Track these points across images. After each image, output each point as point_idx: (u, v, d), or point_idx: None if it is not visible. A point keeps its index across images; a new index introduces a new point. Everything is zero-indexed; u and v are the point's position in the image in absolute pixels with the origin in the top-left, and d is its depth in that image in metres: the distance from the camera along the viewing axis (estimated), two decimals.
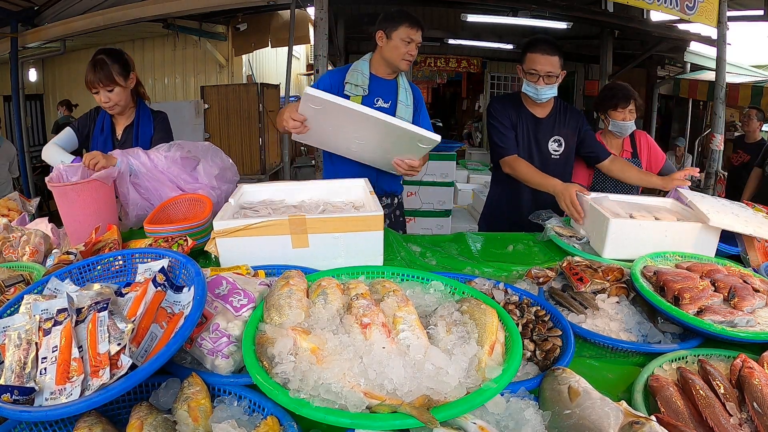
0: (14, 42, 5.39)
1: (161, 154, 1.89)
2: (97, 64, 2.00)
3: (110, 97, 2.04)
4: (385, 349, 0.86)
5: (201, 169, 1.94)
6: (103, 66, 1.99)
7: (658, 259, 1.49)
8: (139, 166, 1.86)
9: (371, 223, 1.40)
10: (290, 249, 1.40)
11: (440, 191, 4.19)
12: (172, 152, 1.91)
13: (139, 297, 0.97)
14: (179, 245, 1.47)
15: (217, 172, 1.97)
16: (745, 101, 5.65)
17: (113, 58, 2.03)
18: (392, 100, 2.19)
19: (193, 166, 1.94)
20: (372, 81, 2.18)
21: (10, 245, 1.58)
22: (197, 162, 1.95)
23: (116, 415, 0.89)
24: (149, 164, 1.87)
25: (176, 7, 5.11)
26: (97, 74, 1.99)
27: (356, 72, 2.16)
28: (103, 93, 2.02)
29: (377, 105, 2.14)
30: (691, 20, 4.60)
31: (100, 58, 2.01)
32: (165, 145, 1.95)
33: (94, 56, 2.03)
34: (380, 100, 2.16)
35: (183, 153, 1.92)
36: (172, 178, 1.89)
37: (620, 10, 6.46)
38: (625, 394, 0.99)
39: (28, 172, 5.73)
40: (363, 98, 2.15)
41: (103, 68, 1.99)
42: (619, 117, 2.37)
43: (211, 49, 7.27)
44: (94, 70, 1.99)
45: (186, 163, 1.92)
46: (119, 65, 2.04)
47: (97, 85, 2.00)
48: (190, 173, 1.92)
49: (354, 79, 2.14)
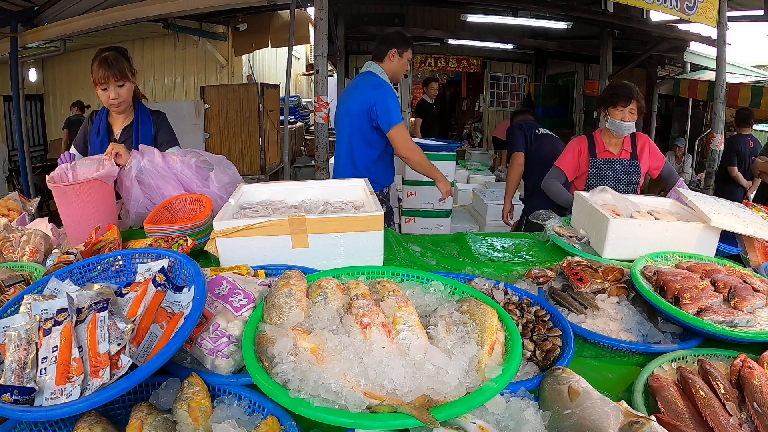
0: (14, 42, 5.38)
1: (177, 158, 1.91)
2: (108, 60, 1.98)
3: (120, 93, 2.03)
4: (385, 349, 0.86)
5: (213, 177, 1.95)
6: (116, 61, 1.99)
7: (658, 259, 1.49)
8: (147, 164, 1.86)
9: (371, 223, 1.40)
10: (290, 249, 1.40)
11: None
12: (188, 158, 1.93)
13: (139, 297, 0.97)
14: (179, 245, 1.47)
15: (227, 181, 1.99)
16: (745, 101, 5.64)
17: (123, 55, 2.04)
18: None
19: (206, 176, 1.96)
20: None
21: (10, 245, 1.58)
22: (210, 170, 1.97)
23: (116, 415, 0.89)
24: (161, 163, 1.88)
25: (176, 7, 5.11)
26: (111, 69, 1.98)
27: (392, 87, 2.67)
28: (112, 89, 2.01)
29: None
30: (691, 20, 4.60)
31: (111, 54, 2.00)
32: (181, 151, 1.97)
33: (100, 53, 2.02)
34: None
35: (198, 161, 1.94)
36: (186, 181, 1.90)
37: (620, 10, 6.46)
38: (625, 394, 0.99)
39: (28, 172, 5.73)
40: None
41: (115, 63, 1.99)
42: (617, 116, 2.37)
43: (211, 49, 7.27)
44: (107, 65, 1.98)
45: (200, 172, 1.94)
46: (128, 62, 2.05)
47: (109, 80, 1.99)
48: (203, 181, 1.94)
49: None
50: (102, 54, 2.01)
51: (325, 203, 1.69)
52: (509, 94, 11.09)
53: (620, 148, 2.49)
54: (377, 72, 2.62)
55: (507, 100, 11.10)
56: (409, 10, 9.04)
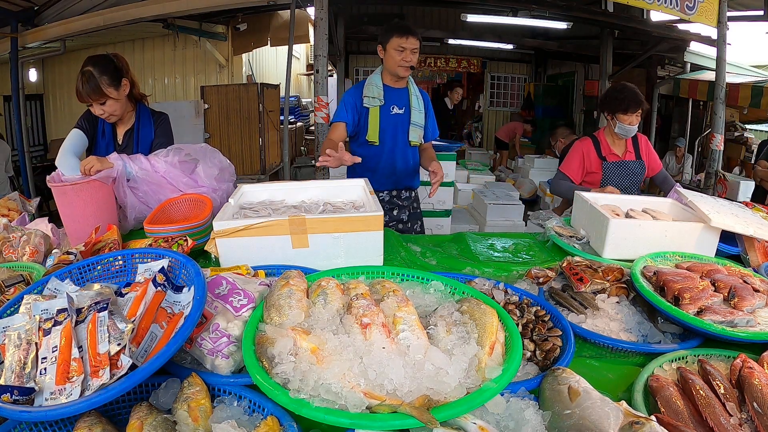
0: (14, 42, 5.38)
1: (161, 159, 1.89)
2: (84, 77, 1.90)
3: (104, 109, 1.97)
4: (385, 350, 0.86)
5: (200, 171, 1.93)
6: (90, 79, 1.90)
7: (658, 259, 1.49)
8: (138, 171, 1.85)
9: (371, 223, 1.40)
10: (290, 249, 1.40)
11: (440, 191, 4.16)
12: (171, 156, 1.90)
13: (139, 297, 0.97)
14: (179, 245, 1.47)
15: (217, 172, 1.97)
16: (745, 101, 5.65)
17: (101, 69, 1.92)
18: (405, 107, 2.43)
19: (191, 169, 1.93)
20: (385, 91, 2.40)
21: (10, 245, 1.58)
22: (195, 164, 1.95)
23: (116, 415, 0.89)
24: (149, 168, 1.87)
25: (176, 7, 5.11)
26: (85, 88, 1.90)
27: (371, 85, 2.38)
28: (96, 106, 1.96)
29: (393, 112, 2.40)
30: (691, 20, 4.60)
31: (87, 71, 1.90)
32: (164, 150, 1.93)
33: (82, 67, 1.93)
34: (395, 107, 2.41)
35: (181, 157, 1.92)
36: (172, 182, 1.88)
37: (620, 10, 6.46)
38: (625, 394, 0.99)
39: (28, 172, 5.73)
40: (381, 108, 2.39)
41: (89, 81, 1.90)
42: (626, 121, 2.40)
43: (211, 49, 7.26)
44: (82, 84, 1.90)
45: (185, 167, 1.92)
46: (108, 76, 1.93)
47: (87, 99, 1.94)
48: (189, 176, 1.92)
49: (370, 92, 2.37)
50: (83, 68, 1.92)
51: (325, 203, 1.69)
52: (509, 94, 11.09)
53: (624, 149, 2.52)
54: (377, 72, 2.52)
55: (507, 100, 11.11)
56: (409, 10, 9.05)
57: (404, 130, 2.44)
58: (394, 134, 2.44)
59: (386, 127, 2.42)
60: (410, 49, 2.30)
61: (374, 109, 2.38)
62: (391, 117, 2.42)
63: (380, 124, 2.40)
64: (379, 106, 2.38)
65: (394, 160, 2.47)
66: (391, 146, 2.45)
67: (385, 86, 2.40)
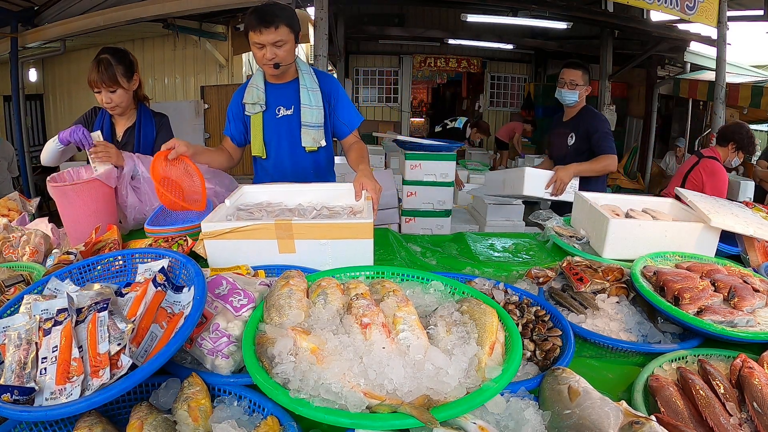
0: (14, 42, 5.39)
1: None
2: (101, 64, 1.96)
3: (112, 98, 2.01)
4: (385, 349, 0.86)
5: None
6: (108, 66, 1.96)
7: (658, 259, 1.49)
8: (144, 171, 1.86)
9: (360, 230, 1.35)
10: (277, 254, 1.38)
11: (440, 191, 4.18)
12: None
13: (139, 297, 0.97)
14: (179, 245, 1.48)
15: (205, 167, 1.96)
16: (745, 101, 5.65)
17: (118, 59, 1.99)
18: (295, 105, 2.02)
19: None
20: (269, 91, 2.03)
21: (10, 245, 1.58)
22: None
23: (116, 415, 0.89)
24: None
25: (176, 7, 5.11)
26: (100, 74, 1.95)
27: (252, 88, 2.02)
28: (105, 93, 2.00)
29: (281, 115, 2.03)
30: (691, 20, 4.61)
31: (105, 58, 1.97)
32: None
33: (98, 54, 1.99)
34: (282, 109, 2.03)
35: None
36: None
37: (620, 10, 6.47)
38: (625, 394, 0.99)
39: (28, 172, 5.74)
40: (264, 114, 2.03)
41: (107, 69, 1.96)
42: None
43: (211, 49, 7.27)
44: (98, 69, 1.96)
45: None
46: (123, 66, 2.00)
47: (99, 85, 1.98)
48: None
49: (250, 98, 2.01)
50: (99, 56, 1.99)
51: (322, 207, 1.67)
52: (509, 94, 11.09)
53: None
54: (261, 69, 2.05)
55: (507, 100, 11.11)
56: (409, 10, 9.05)
57: (297, 135, 2.04)
58: (286, 142, 2.06)
59: (272, 136, 2.05)
60: (271, 44, 1.83)
61: (256, 116, 2.02)
62: (277, 122, 2.04)
63: (264, 133, 2.04)
64: (261, 113, 2.02)
65: (288, 172, 2.09)
66: (285, 157, 2.08)
67: (269, 85, 2.02)
